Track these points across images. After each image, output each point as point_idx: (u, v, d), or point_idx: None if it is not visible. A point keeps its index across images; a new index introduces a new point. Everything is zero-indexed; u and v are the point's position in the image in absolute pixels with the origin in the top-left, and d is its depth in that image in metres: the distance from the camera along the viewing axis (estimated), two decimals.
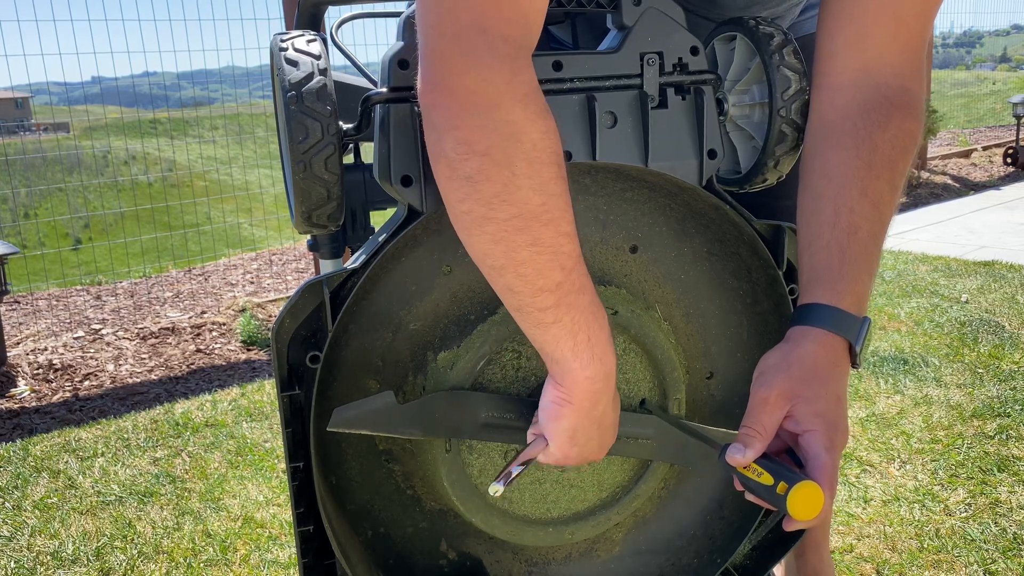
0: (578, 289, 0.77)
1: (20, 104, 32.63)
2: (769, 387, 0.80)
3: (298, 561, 0.92)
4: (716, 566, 1.05)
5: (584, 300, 0.78)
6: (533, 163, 0.73)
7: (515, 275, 0.76)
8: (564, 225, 0.75)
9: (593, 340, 0.79)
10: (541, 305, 0.77)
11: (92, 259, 6.08)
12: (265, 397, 3.12)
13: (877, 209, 0.85)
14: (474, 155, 0.72)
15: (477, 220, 0.74)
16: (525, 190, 0.73)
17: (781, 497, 0.74)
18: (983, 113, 13.98)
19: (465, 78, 0.71)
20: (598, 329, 0.79)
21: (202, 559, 2.07)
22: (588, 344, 0.78)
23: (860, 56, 0.89)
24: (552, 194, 0.74)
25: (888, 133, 0.87)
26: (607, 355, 0.80)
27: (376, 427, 0.84)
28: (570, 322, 0.77)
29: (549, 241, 0.74)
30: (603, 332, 0.80)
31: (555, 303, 0.77)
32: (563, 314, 0.77)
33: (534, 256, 0.75)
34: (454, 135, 0.72)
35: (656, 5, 0.89)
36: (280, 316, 0.84)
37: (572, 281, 0.77)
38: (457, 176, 0.73)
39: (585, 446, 0.84)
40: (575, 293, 0.77)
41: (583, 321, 0.78)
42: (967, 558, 1.90)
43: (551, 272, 0.75)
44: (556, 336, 0.78)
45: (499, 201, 0.73)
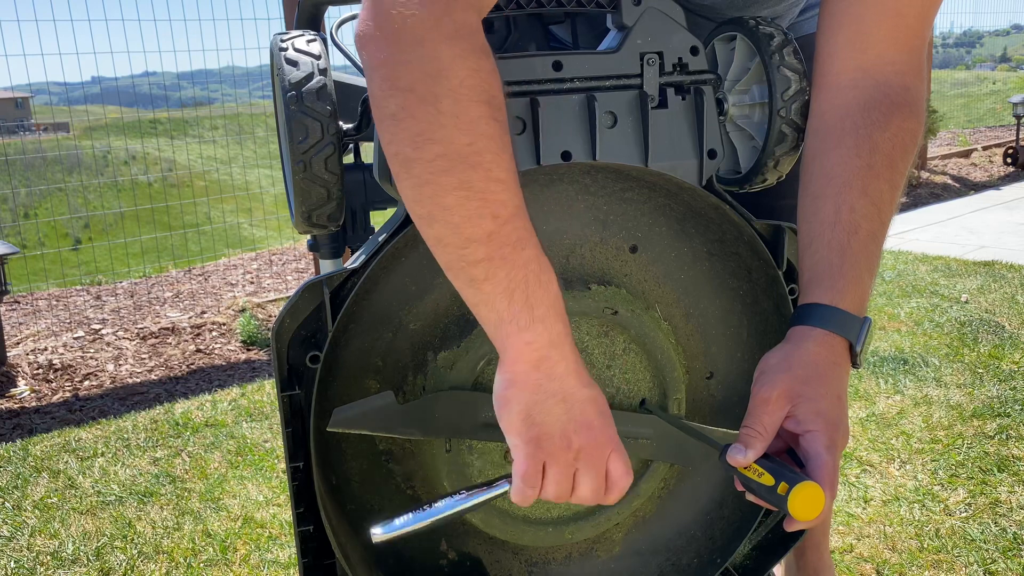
0: (514, 242, 0.71)
1: (20, 104, 32.64)
2: (771, 387, 0.80)
3: (298, 561, 0.92)
4: (716, 566, 1.05)
5: (522, 256, 0.72)
6: (459, 100, 0.69)
7: (443, 223, 0.71)
8: (496, 171, 0.70)
9: (533, 301, 0.72)
10: (471, 258, 0.71)
11: (92, 259, 6.08)
12: (265, 397, 3.12)
13: (877, 208, 0.85)
14: (397, 91, 0.70)
15: (404, 162, 0.71)
16: (450, 128, 0.69)
17: (782, 497, 0.75)
18: (983, 113, 13.98)
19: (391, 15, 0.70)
20: (540, 289, 0.72)
21: (202, 559, 2.07)
22: (526, 305, 0.71)
23: (860, 55, 0.89)
24: (481, 134, 0.70)
25: (888, 132, 0.87)
26: (551, 319, 0.72)
27: (376, 427, 0.84)
28: (505, 279, 0.71)
29: (478, 186, 0.70)
30: (547, 294, 0.73)
31: (486, 256, 0.71)
32: (496, 269, 0.71)
33: (462, 202, 0.70)
34: (380, 72, 0.71)
35: (656, 5, 0.89)
36: (280, 316, 0.84)
37: (507, 233, 0.71)
38: (384, 115, 0.71)
39: (552, 428, 0.74)
40: (510, 247, 0.71)
41: (520, 279, 0.71)
42: (967, 558, 1.90)
43: (481, 220, 0.70)
44: (489, 295, 0.72)
45: (423, 140, 0.70)
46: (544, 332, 0.72)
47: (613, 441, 0.77)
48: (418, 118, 0.70)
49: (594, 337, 0.92)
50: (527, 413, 0.74)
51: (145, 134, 17.65)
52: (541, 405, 0.74)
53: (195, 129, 13.98)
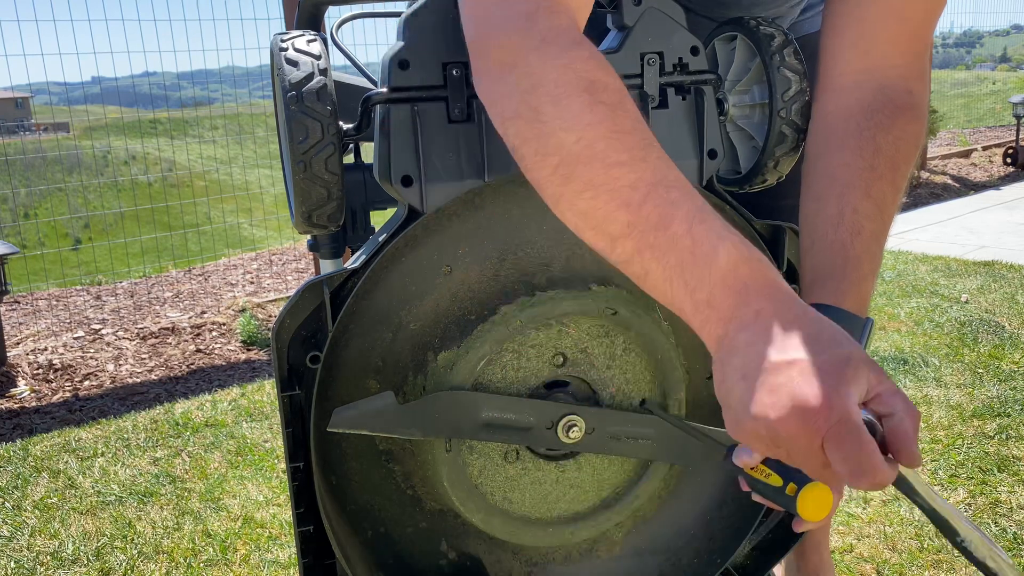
0: (656, 224, 0.64)
1: (20, 104, 32.63)
2: None
3: (298, 561, 0.92)
4: (716, 566, 1.05)
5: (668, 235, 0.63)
6: (556, 101, 0.66)
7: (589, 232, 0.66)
8: (614, 155, 0.65)
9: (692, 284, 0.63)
10: (624, 256, 0.65)
11: (92, 259, 6.08)
12: (265, 397, 3.12)
13: (880, 210, 0.86)
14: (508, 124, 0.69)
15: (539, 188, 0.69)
16: (557, 134, 0.65)
17: (791, 498, 0.74)
18: (983, 113, 13.98)
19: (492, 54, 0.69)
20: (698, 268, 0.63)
21: (202, 559, 2.07)
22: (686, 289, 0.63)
23: (864, 58, 0.89)
24: (587, 125, 0.65)
25: (892, 135, 0.87)
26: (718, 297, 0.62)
27: (376, 427, 0.84)
28: (659, 268, 0.64)
29: (599, 180, 0.65)
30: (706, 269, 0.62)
31: (635, 249, 0.64)
32: (648, 261, 0.64)
33: (592, 203, 0.65)
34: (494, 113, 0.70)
35: (656, 5, 0.89)
36: (280, 316, 0.84)
37: (646, 216, 0.64)
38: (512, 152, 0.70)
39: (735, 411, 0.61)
40: (653, 230, 0.64)
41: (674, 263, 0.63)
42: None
43: (616, 215, 0.65)
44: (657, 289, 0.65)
45: (540, 156, 0.67)
46: (713, 313, 0.63)
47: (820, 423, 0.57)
48: (530, 141, 0.67)
49: (594, 337, 0.92)
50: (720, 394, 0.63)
51: (145, 134, 17.64)
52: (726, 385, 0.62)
53: (195, 129, 13.98)
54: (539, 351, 0.90)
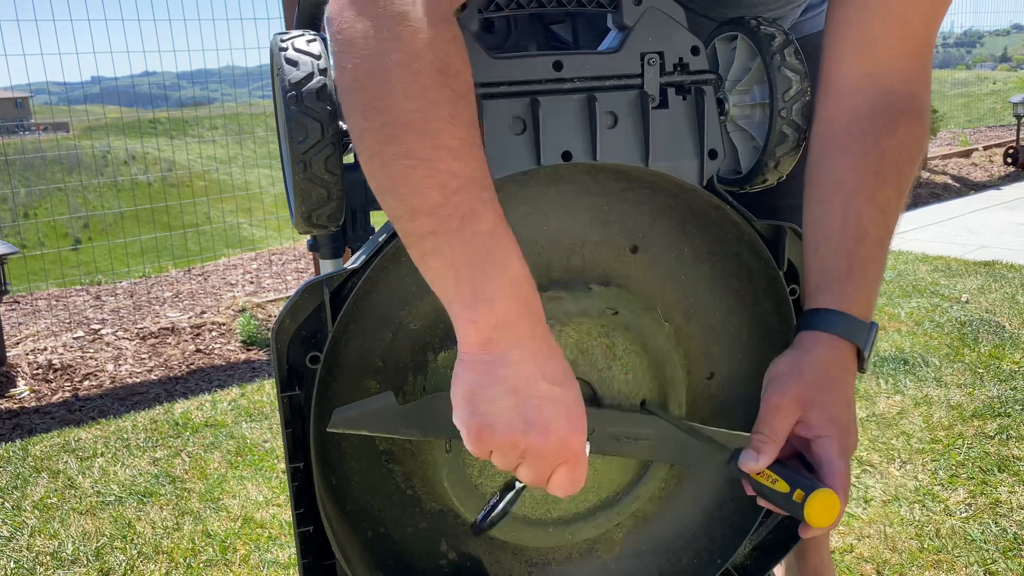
0: (464, 215, 0.67)
1: (20, 104, 32.63)
2: (781, 393, 0.80)
3: (298, 561, 0.91)
4: (716, 566, 1.05)
5: (472, 230, 0.67)
6: (409, 68, 0.67)
7: (392, 195, 0.68)
8: (446, 138, 0.67)
9: (479, 280, 0.67)
10: (419, 231, 0.68)
11: (92, 259, 6.08)
12: (265, 397, 3.12)
13: (884, 215, 0.85)
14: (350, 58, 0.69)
15: (357, 134, 0.70)
16: (397, 95, 0.67)
17: (798, 505, 0.74)
18: (983, 113, 13.98)
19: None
20: (490, 267, 0.67)
21: (202, 559, 2.07)
22: (472, 284, 0.67)
23: (867, 61, 0.89)
24: (431, 100, 0.67)
25: (895, 139, 0.87)
26: (500, 300, 0.67)
27: (376, 428, 0.84)
28: (450, 253, 0.67)
29: (424, 154, 0.66)
30: (499, 272, 0.67)
31: (433, 229, 0.67)
32: (442, 243, 0.67)
33: (408, 170, 0.67)
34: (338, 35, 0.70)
35: (657, 5, 0.89)
36: (280, 316, 0.84)
37: (456, 204, 0.67)
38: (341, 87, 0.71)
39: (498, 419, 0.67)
40: (459, 219, 0.67)
41: (467, 255, 0.66)
42: (967, 558, 1.90)
43: (428, 190, 0.66)
44: (436, 270, 0.68)
45: (371, 108, 0.68)
46: (489, 313, 0.67)
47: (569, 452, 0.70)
48: (367, 87, 0.68)
49: (595, 337, 0.92)
50: (471, 397, 0.68)
51: (145, 134, 17.65)
52: (486, 391, 0.68)
53: (195, 129, 13.99)
54: None
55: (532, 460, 0.69)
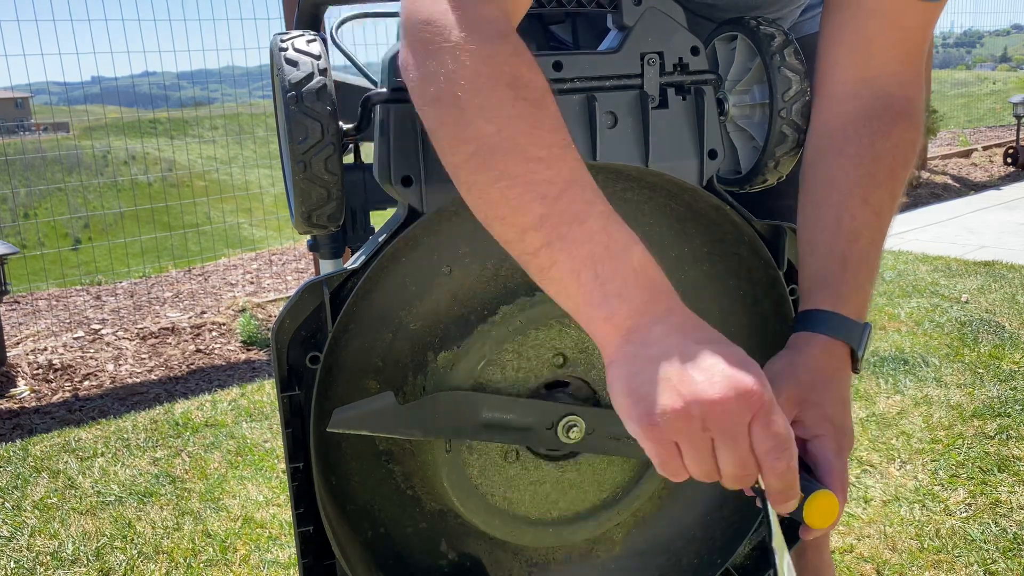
0: (571, 219, 0.66)
1: (20, 104, 32.63)
2: (777, 393, 0.80)
3: (298, 561, 0.91)
4: (716, 566, 1.05)
5: (583, 231, 0.65)
6: (478, 91, 0.66)
7: (497, 222, 0.67)
8: (532, 150, 0.66)
9: (604, 277, 0.65)
10: (531, 248, 0.66)
11: (92, 259, 6.08)
12: (265, 397, 3.12)
13: (878, 217, 0.86)
14: (427, 106, 0.69)
15: (452, 173, 0.70)
16: (476, 123, 0.66)
17: (797, 506, 0.75)
18: (983, 113, 13.98)
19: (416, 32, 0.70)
20: (611, 262, 0.65)
21: (202, 559, 2.07)
22: (596, 283, 0.65)
23: (863, 65, 0.89)
24: (508, 117, 0.66)
25: (890, 142, 0.88)
26: (629, 291, 0.65)
27: (376, 428, 0.84)
28: (567, 260, 0.65)
29: (516, 171, 0.66)
30: (620, 265, 0.65)
31: (544, 241, 0.65)
32: (557, 253, 0.65)
33: (505, 192, 0.66)
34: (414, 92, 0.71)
35: (657, 5, 0.89)
36: (280, 316, 0.84)
37: (561, 211, 0.66)
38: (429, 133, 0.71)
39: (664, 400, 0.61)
40: (567, 224, 0.65)
41: (585, 255, 0.65)
42: (967, 558, 1.90)
43: (530, 206, 0.65)
44: (559, 282, 0.66)
45: (456, 143, 0.68)
46: (623, 307, 0.64)
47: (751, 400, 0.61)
48: (448, 125, 0.68)
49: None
50: (630, 390, 0.63)
51: (145, 134, 17.64)
52: (642, 376, 0.63)
53: (195, 129, 13.99)
54: (539, 351, 0.90)
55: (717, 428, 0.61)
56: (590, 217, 0.66)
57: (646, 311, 0.64)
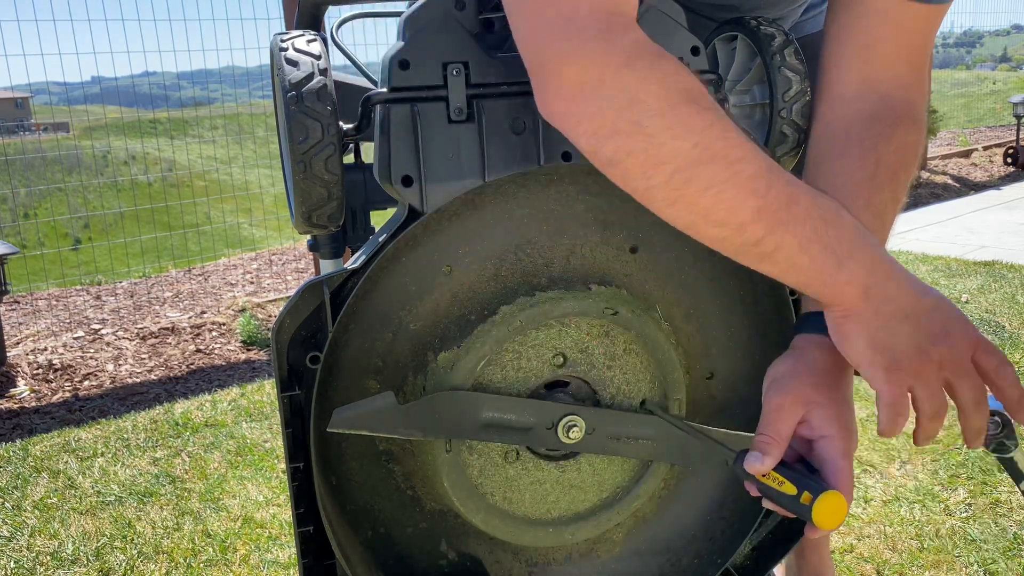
0: (786, 203, 0.70)
1: (20, 104, 32.63)
2: (783, 394, 0.80)
3: (298, 561, 0.91)
4: (716, 566, 1.05)
5: (799, 210, 0.71)
6: (662, 115, 0.69)
7: (712, 224, 0.71)
8: (734, 151, 0.70)
9: (832, 245, 0.71)
10: (754, 239, 0.71)
11: (92, 259, 6.08)
12: (265, 397, 3.12)
13: (880, 220, 0.86)
14: (605, 140, 0.70)
15: (644, 195, 0.72)
16: (669, 144, 0.69)
17: (806, 507, 0.75)
18: (983, 113, 13.98)
19: (567, 73, 0.70)
20: (832, 230, 0.71)
21: (202, 559, 2.07)
22: (827, 252, 0.71)
23: (865, 67, 0.89)
24: (700, 130, 0.69)
25: (892, 145, 0.87)
26: (859, 251, 0.72)
27: (376, 428, 0.84)
28: (793, 240, 0.70)
29: (724, 176, 0.69)
30: (841, 230, 0.72)
31: (767, 230, 0.70)
32: (782, 236, 0.70)
33: (718, 198, 0.70)
34: (580, 131, 0.71)
35: (657, 5, 0.89)
36: (280, 316, 0.84)
37: (774, 198, 0.70)
38: (607, 166, 0.72)
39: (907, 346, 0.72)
40: (784, 209, 0.70)
41: (809, 231, 0.70)
42: (967, 558, 1.90)
43: (745, 203, 0.70)
44: (789, 260, 0.71)
45: (651, 167, 0.70)
46: (858, 267, 0.72)
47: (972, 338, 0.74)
48: (635, 153, 0.70)
49: (595, 337, 0.92)
50: (873, 341, 0.72)
51: (145, 134, 17.64)
52: (885, 329, 0.72)
53: (195, 129, 13.99)
54: (539, 351, 0.90)
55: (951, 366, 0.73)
56: (799, 198, 0.71)
57: (877, 268, 0.72)
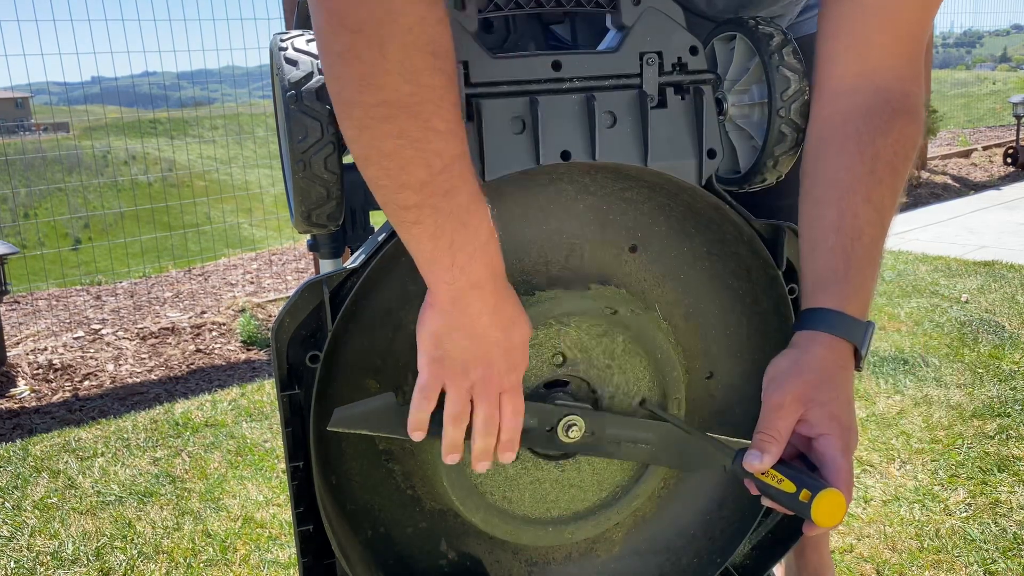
0: (446, 192, 0.73)
1: (20, 104, 32.63)
2: (783, 392, 0.80)
3: (298, 561, 0.92)
4: (716, 566, 1.05)
5: (452, 204, 0.74)
6: (405, 47, 0.69)
7: (379, 167, 0.73)
8: (436, 121, 0.72)
9: (457, 246, 0.75)
10: (403, 203, 0.74)
11: (92, 259, 6.08)
12: (265, 397, 3.12)
13: (880, 214, 0.86)
14: (345, 30, 0.70)
15: (346, 102, 0.72)
16: (393, 75, 0.70)
17: (805, 504, 0.75)
18: (983, 113, 13.98)
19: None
20: (466, 236, 0.75)
21: (202, 559, 2.07)
22: (449, 250, 0.75)
23: (861, 61, 0.89)
24: (424, 85, 0.71)
25: (890, 138, 0.87)
26: (473, 265, 0.76)
27: (376, 428, 0.84)
28: (432, 225, 0.74)
29: (416, 135, 0.71)
30: (473, 239, 0.76)
31: (417, 203, 0.73)
32: (425, 216, 0.74)
33: (398, 149, 0.72)
34: (327, 6, 0.70)
35: (655, 5, 0.89)
36: (280, 316, 0.84)
37: (440, 182, 0.73)
38: (330, 52, 0.72)
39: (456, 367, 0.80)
40: (441, 195, 0.73)
41: (448, 226, 0.74)
42: (967, 558, 1.90)
43: (415, 169, 0.72)
44: (417, 237, 0.75)
45: (366, 84, 0.70)
46: (463, 276, 0.76)
47: (510, 384, 0.82)
48: (364, 60, 0.70)
49: (594, 337, 0.92)
50: (437, 337, 0.80)
51: (145, 134, 17.64)
52: (449, 335, 0.79)
53: (195, 129, 13.99)
54: (539, 351, 0.90)
55: (480, 389, 0.81)
56: (461, 192, 0.74)
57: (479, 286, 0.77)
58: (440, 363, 0.80)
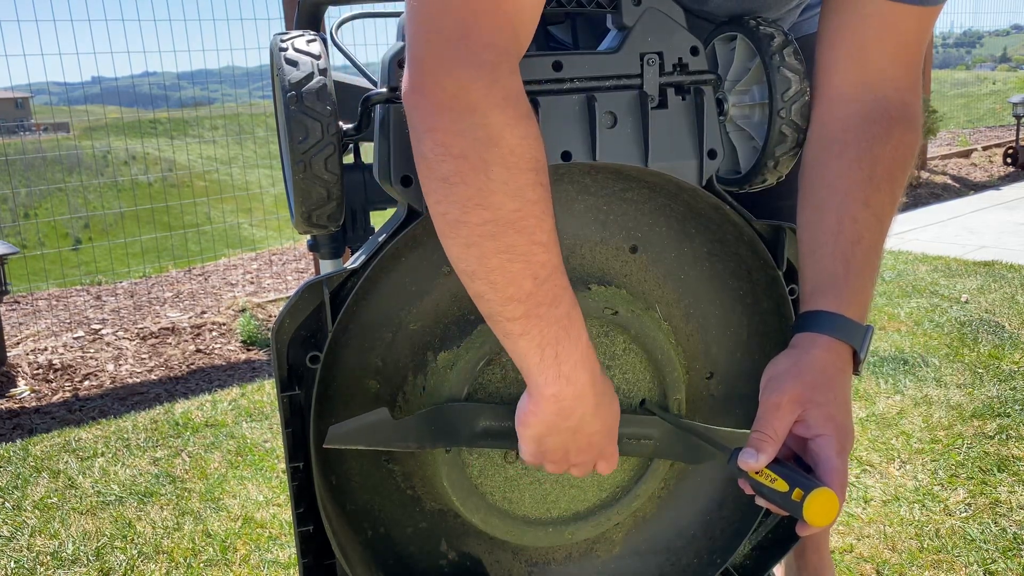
0: (550, 301, 0.75)
1: (20, 104, 32.62)
2: (780, 392, 0.80)
3: (298, 561, 0.92)
4: (716, 566, 1.05)
5: (556, 313, 0.76)
6: (509, 168, 0.72)
7: (486, 282, 0.75)
8: (539, 234, 0.74)
9: (562, 357, 0.77)
10: (510, 315, 0.75)
11: (92, 259, 6.08)
12: (265, 397, 3.12)
13: (878, 220, 0.87)
14: (450, 157, 0.72)
15: (452, 223, 0.74)
16: (499, 195, 0.72)
17: (797, 504, 0.75)
18: (983, 113, 13.98)
19: (444, 82, 0.71)
20: (570, 345, 0.77)
21: (202, 559, 2.07)
22: (555, 361, 0.77)
23: (860, 69, 0.90)
24: (528, 200, 0.73)
25: (889, 146, 0.88)
26: (578, 373, 0.78)
27: (371, 442, 0.85)
28: (538, 335, 0.76)
29: (522, 249, 0.73)
30: (576, 348, 0.77)
31: (524, 314, 0.75)
32: (531, 326, 0.75)
33: (505, 264, 0.73)
34: (432, 136, 0.72)
35: (656, 5, 0.89)
36: (280, 316, 0.84)
37: (544, 292, 0.75)
38: (434, 177, 0.73)
39: (558, 455, 0.83)
40: (546, 305, 0.75)
41: (552, 336, 0.76)
42: (967, 558, 1.90)
43: (522, 281, 0.74)
44: (524, 348, 0.76)
45: (473, 205, 0.72)
46: (569, 387, 0.78)
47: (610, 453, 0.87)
48: (469, 184, 0.72)
49: (594, 337, 0.92)
50: (540, 439, 0.82)
51: (145, 134, 17.64)
52: (553, 436, 0.82)
53: (195, 129, 13.99)
54: None
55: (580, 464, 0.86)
56: (563, 301, 0.77)
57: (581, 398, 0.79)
58: (543, 455, 0.84)
